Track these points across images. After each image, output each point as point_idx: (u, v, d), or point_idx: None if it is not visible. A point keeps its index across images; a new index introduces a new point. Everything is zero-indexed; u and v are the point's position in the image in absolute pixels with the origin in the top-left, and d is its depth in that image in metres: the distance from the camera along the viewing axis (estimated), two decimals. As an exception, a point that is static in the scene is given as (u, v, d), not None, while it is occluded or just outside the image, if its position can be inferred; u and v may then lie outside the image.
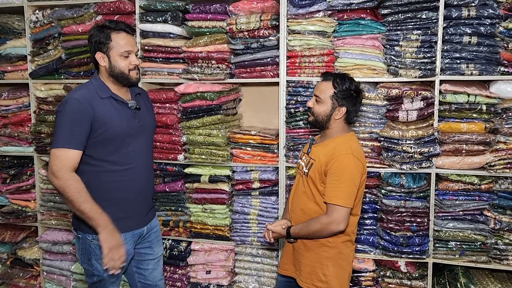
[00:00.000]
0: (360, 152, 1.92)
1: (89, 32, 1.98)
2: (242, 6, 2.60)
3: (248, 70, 2.67)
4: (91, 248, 1.96)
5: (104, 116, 1.88)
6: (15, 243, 3.30)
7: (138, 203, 2.06)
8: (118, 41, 1.93)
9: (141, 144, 2.05)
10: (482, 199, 2.44)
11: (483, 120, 2.38)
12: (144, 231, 2.12)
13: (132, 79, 1.99)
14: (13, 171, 3.22)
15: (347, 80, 1.93)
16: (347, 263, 1.97)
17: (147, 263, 2.18)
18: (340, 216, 1.80)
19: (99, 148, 1.91)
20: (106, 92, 1.95)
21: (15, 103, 3.16)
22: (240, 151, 2.72)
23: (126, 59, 1.95)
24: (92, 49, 1.96)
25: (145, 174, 2.08)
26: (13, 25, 3.08)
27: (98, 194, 1.93)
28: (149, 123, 2.15)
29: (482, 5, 2.30)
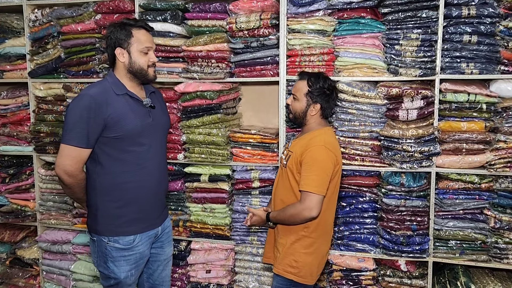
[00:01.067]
0: (334, 145, 2.01)
1: (108, 29, 1.98)
2: (242, 5, 2.59)
3: (248, 69, 2.66)
4: (107, 251, 1.95)
5: (119, 114, 1.88)
6: (14, 243, 3.29)
7: (152, 204, 2.05)
8: (139, 37, 1.95)
9: (155, 143, 2.04)
10: (482, 198, 2.45)
11: (483, 119, 2.38)
12: (158, 231, 2.12)
13: (150, 76, 2.01)
14: (12, 170, 3.21)
15: (321, 79, 2.05)
16: (320, 252, 2.04)
17: (157, 264, 2.18)
18: (312, 202, 1.88)
19: (113, 146, 1.91)
20: (121, 89, 1.94)
21: (14, 103, 3.15)
22: (240, 150, 2.72)
23: (145, 56, 1.97)
24: (111, 45, 1.96)
25: (158, 174, 2.08)
26: (12, 24, 3.07)
27: (111, 195, 1.94)
28: (163, 122, 2.15)
29: (482, 4, 2.30)
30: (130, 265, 1.99)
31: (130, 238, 1.97)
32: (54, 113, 2.99)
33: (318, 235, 2.01)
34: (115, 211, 1.95)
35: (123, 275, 1.97)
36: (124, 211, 1.95)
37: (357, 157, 2.53)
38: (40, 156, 3.11)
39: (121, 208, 1.95)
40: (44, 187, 3.13)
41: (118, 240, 1.95)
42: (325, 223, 2.03)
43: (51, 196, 3.10)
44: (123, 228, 1.96)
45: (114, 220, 1.95)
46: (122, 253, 1.96)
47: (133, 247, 1.98)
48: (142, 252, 2.02)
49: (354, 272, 2.62)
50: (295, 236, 2.01)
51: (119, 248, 1.95)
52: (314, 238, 2.00)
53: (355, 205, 2.58)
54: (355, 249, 2.61)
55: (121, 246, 1.95)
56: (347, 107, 2.50)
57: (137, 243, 1.99)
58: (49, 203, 3.12)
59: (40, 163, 3.15)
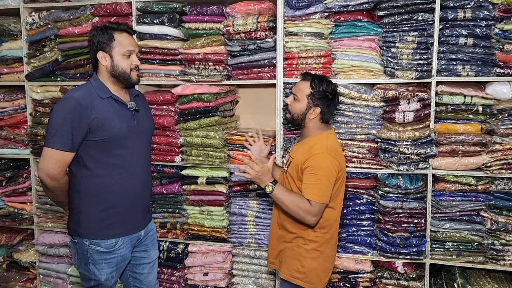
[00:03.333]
0: (337, 150, 1.96)
1: (90, 33, 1.98)
2: (239, 8, 2.60)
3: (245, 71, 2.67)
4: (88, 253, 1.95)
5: (104, 117, 1.87)
6: (11, 246, 3.28)
7: (135, 207, 2.05)
8: (121, 40, 1.95)
9: (139, 146, 2.04)
10: (479, 199, 2.45)
11: (479, 121, 2.39)
12: (141, 235, 2.11)
13: (133, 79, 2.00)
14: (9, 173, 3.20)
15: (324, 82, 1.99)
16: (326, 258, 2.01)
17: (142, 267, 2.18)
18: (314, 210, 1.85)
19: (97, 149, 1.90)
20: (106, 92, 1.94)
21: (11, 105, 3.14)
22: (238, 153, 2.72)
23: (127, 59, 1.97)
24: (93, 49, 1.96)
25: (142, 177, 2.08)
26: (9, 27, 3.07)
27: (95, 197, 1.93)
28: (148, 125, 2.15)
29: (477, 7, 2.32)
30: (111, 268, 1.99)
31: (112, 241, 1.96)
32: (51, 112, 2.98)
33: (323, 240, 1.98)
34: (98, 214, 1.94)
35: (104, 278, 1.97)
36: (107, 214, 1.95)
37: (354, 159, 2.54)
38: (37, 159, 3.10)
39: (104, 211, 1.95)
40: (41, 190, 3.12)
41: (100, 243, 1.95)
42: (330, 228, 2.00)
43: (48, 199, 3.09)
44: (105, 231, 1.95)
45: (97, 223, 1.94)
46: (104, 256, 1.96)
47: (115, 250, 1.98)
48: (124, 255, 2.02)
49: (352, 274, 2.62)
50: (300, 240, 1.98)
51: (100, 251, 1.95)
52: (319, 242, 1.97)
53: (352, 207, 2.58)
54: (352, 251, 2.61)
55: (103, 249, 1.95)
56: (344, 109, 2.51)
57: (119, 246, 1.98)
58: (46, 206, 3.11)
59: (37, 166, 3.13)
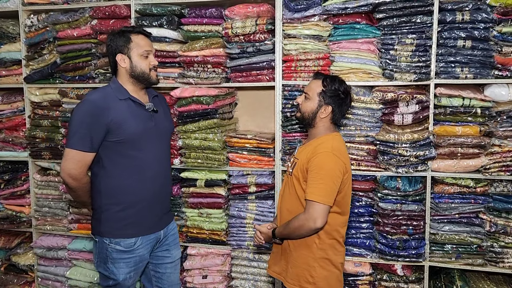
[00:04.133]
0: (342, 151, 1.91)
1: (108, 38, 2.05)
2: (238, 10, 2.61)
3: (244, 74, 2.67)
4: (107, 252, 1.99)
5: (121, 118, 1.92)
6: (9, 249, 3.27)
7: (153, 207, 2.08)
8: (138, 41, 2.01)
9: (157, 147, 2.08)
10: (478, 202, 2.45)
11: (478, 123, 2.40)
12: (160, 236, 2.14)
13: (152, 79, 2.06)
14: (7, 176, 3.20)
15: (337, 81, 1.96)
16: (336, 265, 1.94)
17: (165, 267, 2.21)
18: (316, 212, 1.77)
19: (115, 150, 1.95)
20: (124, 94, 1.99)
21: (10, 108, 3.14)
22: (236, 155, 2.72)
23: (146, 59, 2.02)
24: (111, 53, 2.02)
25: (160, 177, 2.11)
26: (8, 30, 3.07)
27: (115, 197, 1.98)
28: (166, 126, 2.19)
29: (475, 9, 2.32)
30: (129, 268, 2.02)
31: (131, 241, 2.00)
32: (49, 119, 2.98)
33: (330, 246, 1.91)
34: (117, 214, 1.99)
35: (122, 277, 2.00)
36: (126, 214, 2.00)
37: (353, 161, 2.53)
38: (36, 161, 3.10)
39: (123, 211, 1.99)
40: (39, 193, 3.11)
41: (120, 242, 1.99)
42: (336, 234, 1.92)
43: (47, 201, 3.08)
44: (124, 231, 2.00)
45: (116, 223, 1.99)
46: (122, 256, 2.00)
47: (134, 250, 2.01)
48: (142, 256, 2.05)
49: (351, 277, 2.62)
50: (307, 249, 1.90)
51: (120, 251, 1.99)
52: (326, 249, 1.90)
53: (351, 210, 2.56)
54: (351, 254, 2.61)
55: (122, 248, 1.99)
56: (342, 111, 2.51)
57: (138, 246, 2.02)
58: (44, 209, 3.10)
59: (35, 169, 3.14)
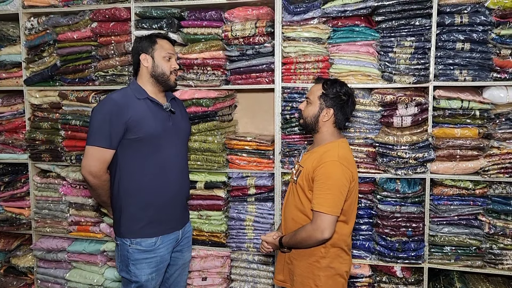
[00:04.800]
0: (349, 159, 1.86)
1: (135, 41, 2.15)
2: (238, 13, 2.62)
3: (244, 76, 2.68)
4: (129, 253, 2.01)
5: (140, 116, 1.97)
6: (8, 251, 3.27)
7: (172, 206, 2.11)
8: (163, 44, 2.13)
9: (176, 147, 2.12)
10: (477, 204, 2.46)
11: (477, 126, 2.41)
12: (179, 236, 2.17)
13: (171, 81, 2.13)
14: (7, 178, 3.20)
15: (337, 84, 1.93)
16: (341, 274, 1.91)
17: (175, 268, 2.23)
18: (324, 223, 1.74)
19: (134, 149, 1.99)
20: (142, 94, 2.06)
21: (10, 110, 3.14)
22: (236, 157, 2.72)
23: (168, 62, 2.10)
24: (135, 53, 2.10)
25: (179, 177, 2.15)
26: (8, 32, 3.07)
27: (133, 197, 2.01)
28: (184, 127, 2.24)
29: (474, 12, 2.33)
30: (151, 268, 2.04)
31: (152, 240, 2.03)
32: (49, 121, 2.99)
33: (335, 255, 1.88)
34: (136, 214, 2.02)
35: (144, 278, 2.02)
36: (145, 214, 2.03)
37: (352, 163, 2.54)
38: (35, 163, 3.10)
39: (142, 210, 2.02)
40: (39, 195, 3.11)
41: (141, 243, 2.02)
42: (342, 243, 1.90)
43: (46, 204, 3.08)
44: (145, 230, 2.03)
45: (136, 222, 2.02)
46: (144, 255, 2.02)
47: (155, 250, 2.04)
48: (163, 256, 2.08)
49: (350, 279, 2.61)
50: (312, 258, 1.88)
51: (141, 251, 2.02)
52: (331, 258, 1.87)
53: (351, 212, 2.59)
54: (351, 256, 2.61)
55: (143, 248, 2.02)
56: (342, 114, 2.52)
57: (159, 245, 2.05)
58: (44, 211, 3.10)
59: (35, 171, 3.14)
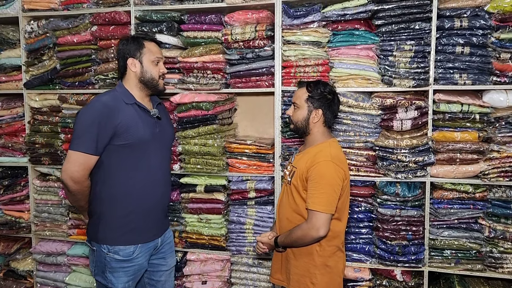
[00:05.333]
0: (341, 158, 1.93)
1: (120, 42, 2.06)
2: (237, 16, 2.62)
3: (244, 80, 2.68)
4: (106, 261, 1.96)
5: (129, 121, 1.92)
6: (8, 254, 3.26)
7: (154, 213, 2.08)
8: (150, 48, 2.05)
9: (161, 154, 2.09)
10: (477, 207, 2.46)
11: (477, 129, 2.41)
12: (158, 243, 2.13)
13: (160, 86, 2.08)
14: (7, 181, 3.19)
15: (321, 84, 1.99)
16: (336, 271, 1.97)
17: (160, 275, 2.19)
18: (319, 222, 1.80)
19: (120, 155, 1.93)
20: (130, 98, 2.00)
21: (9, 113, 3.14)
22: (236, 161, 2.72)
23: (156, 66, 2.05)
24: (122, 57, 2.03)
25: (162, 184, 2.11)
26: (8, 36, 3.07)
27: (115, 203, 1.96)
28: (169, 133, 2.20)
29: (474, 16, 2.34)
30: (128, 277, 2.00)
31: (130, 249, 1.98)
32: (49, 124, 2.99)
33: (330, 253, 1.93)
34: (118, 220, 1.97)
35: (121, 286, 1.98)
36: (128, 220, 1.98)
37: (352, 167, 2.54)
38: (35, 167, 3.10)
39: (125, 217, 1.98)
40: (39, 198, 3.11)
41: (118, 252, 1.96)
42: (337, 240, 1.95)
43: (46, 207, 3.08)
44: (125, 237, 1.98)
45: (117, 229, 1.97)
46: (122, 265, 1.98)
47: (133, 259, 1.99)
48: (141, 264, 2.04)
49: (350, 282, 2.62)
50: (308, 257, 1.93)
51: (118, 260, 1.97)
52: (326, 256, 1.93)
53: (351, 215, 2.58)
54: (351, 259, 2.61)
55: (121, 257, 1.97)
56: (342, 117, 2.52)
57: (137, 255, 2.00)
58: (44, 214, 3.10)
59: (35, 174, 3.14)
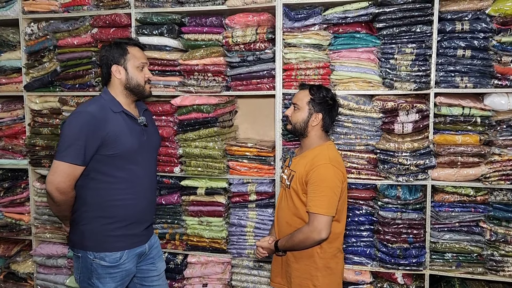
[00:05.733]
0: (339, 161, 1.96)
1: (102, 49, 2.00)
2: (238, 19, 2.61)
3: (244, 82, 2.67)
4: (92, 267, 1.93)
5: (117, 131, 1.88)
6: (8, 257, 3.26)
7: (141, 220, 2.05)
8: (134, 53, 1.99)
9: (147, 161, 2.05)
10: (478, 210, 2.46)
11: (478, 133, 2.40)
12: (146, 249, 2.10)
13: (146, 92, 2.04)
14: (7, 184, 3.19)
15: (323, 89, 2.02)
16: (337, 272, 1.99)
17: (151, 280, 2.17)
18: (321, 224, 1.81)
19: (108, 164, 1.90)
20: (118, 107, 1.95)
21: (10, 116, 3.14)
22: (237, 164, 2.72)
23: (141, 72, 2.00)
24: (106, 64, 1.97)
25: (149, 191, 2.09)
26: (8, 38, 3.07)
27: (101, 211, 1.93)
28: (155, 140, 2.17)
29: (475, 19, 2.33)
30: (116, 282, 1.97)
31: (117, 255, 1.95)
32: (49, 126, 2.98)
33: (331, 255, 1.95)
34: (104, 227, 1.93)
35: None
36: (114, 227, 1.94)
37: (353, 170, 2.54)
38: (35, 169, 3.09)
39: (111, 224, 1.94)
40: (39, 201, 3.11)
41: (105, 258, 1.93)
42: (336, 241, 1.98)
43: (46, 209, 3.07)
44: (111, 244, 1.94)
45: (103, 236, 1.93)
46: (108, 271, 1.94)
47: (120, 265, 1.96)
48: (129, 270, 2.00)
49: (351, 285, 2.61)
50: (309, 259, 1.94)
51: (105, 266, 1.93)
52: (327, 258, 1.94)
53: (352, 218, 2.58)
54: (352, 262, 2.61)
55: (107, 263, 1.93)
56: (343, 120, 2.52)
57: (124, 260, 1.97)
58: (44, 217, 3.09)
59: (35, 177, 3.13)
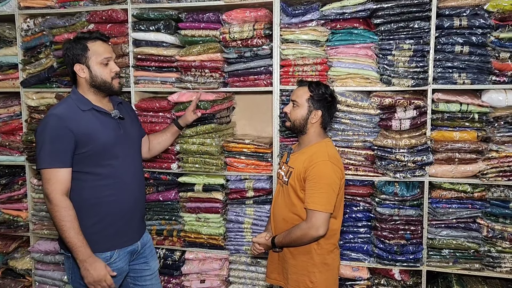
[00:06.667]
0: (337, 157, 1.97)
1: (63, 46, 1.94)
2: (235, 15, 2.60)
3: (242, 79, 2.66)
4: None
5: (89, 130, 1.84)
6: (6, 253, 3.26)
7: (130, 217, 2.02)
8: (96, 49, 1.91)
9: (128, 154, 2.01)
10: (475, 207, 2.46)
11: (475, 129, 2.40)
12: (138, 247, 2.08)
13: (115, 87, 1.97)
14: (4, 180, 3.19)
15: (322, 86, 2.02)
16: (334, 268, 2.01)
17: (144, 279, 2.16)
18: (319, 221, 1.83)
19: (88, 162, 1.86)
20: (87, 104, 1.91)
21: (6, 112, 3.12)
22: (234, 160, 2.71)
23: (106, 67, 1.93)
24: (69, 63, 1.92)
25: (136, 185, 2.04)
26: (4, 34, 3.05)
27: (88, 210, 1.89)
28: (134, 132, 2.12)
29: (473, 15, 2.32)
30: None
31: (107, 255, 1.92)
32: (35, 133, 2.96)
33: (327, 251, 1.97)
34: (93, 227, 1.90)
35: None
36: (102, 226, 1.91)
37: (350, 166, 2.53)
38: (33, 165, 3.08)
39: (99, 223, 1.91)
40: (36, 197, 3.10)
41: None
42: (333, 238, 1.99)
43: (44, 206, 3.07)
44: (100, 244, 1.91)
45: (91, 236, 1.87)
46: None
47: (111, 264, 1.93)
48: (121, 268, 1.98)
49: (349, 281, 2.63)
50: (306, 255, 1.96)
51: None
52: (325, 254, 1.96)
53: (349, 215, 2.58)
54: (349, 258, 2.61)
55: None
56: (340, 117, 2.51)
57: (115, 259, 1.95)
58: (42, 213, 3.09)
59: (32, 173, 3.13)
